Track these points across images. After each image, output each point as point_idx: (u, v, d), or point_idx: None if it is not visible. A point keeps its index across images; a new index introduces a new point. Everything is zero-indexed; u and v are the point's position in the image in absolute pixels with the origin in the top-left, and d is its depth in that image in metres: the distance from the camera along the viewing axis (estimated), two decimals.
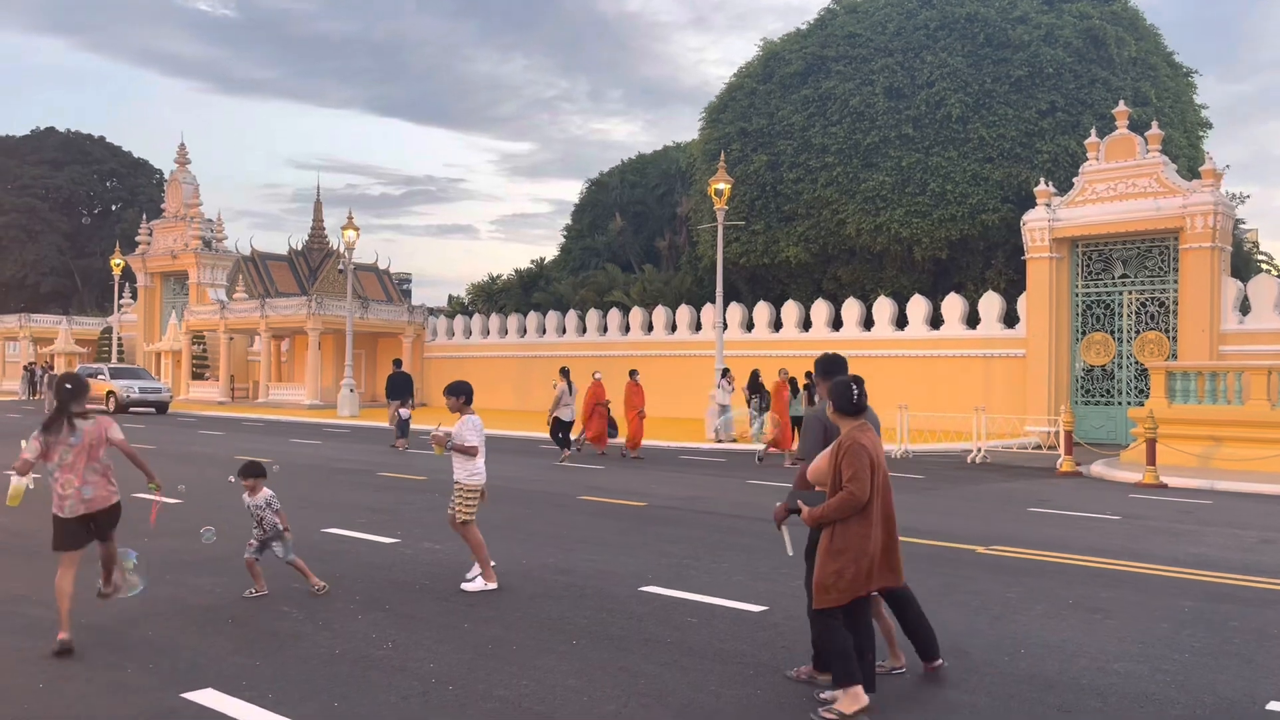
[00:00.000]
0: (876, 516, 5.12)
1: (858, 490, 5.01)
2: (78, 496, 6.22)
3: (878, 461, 5.15)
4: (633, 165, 49.88)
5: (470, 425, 7.92)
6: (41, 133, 76.33)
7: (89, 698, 5.18)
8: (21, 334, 56.61)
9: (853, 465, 5.04)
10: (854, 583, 5.07)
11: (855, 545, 5.07)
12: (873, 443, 5.18)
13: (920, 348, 28.30)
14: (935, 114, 29.99)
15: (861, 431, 5.19)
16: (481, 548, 7.91)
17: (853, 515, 5.06)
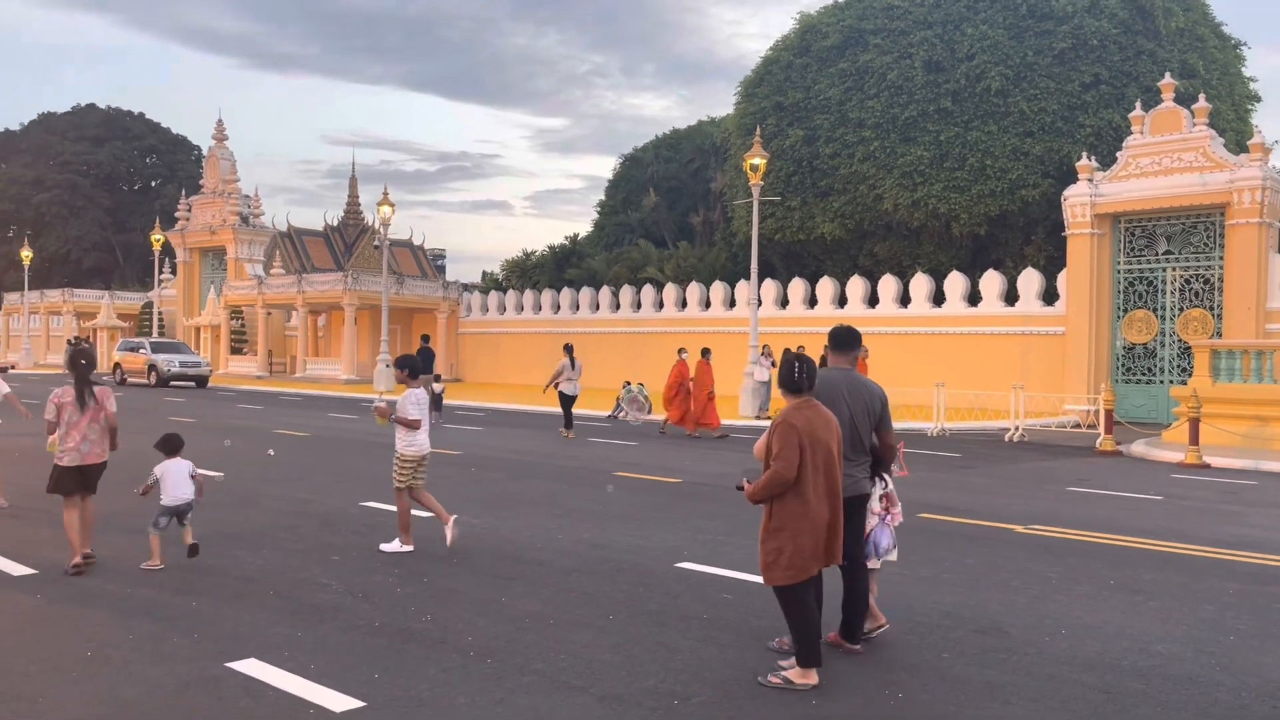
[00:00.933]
0: (817, 493, 5.09)
1: (782, 468, 5.00)
2: (77, 450, 7.41)
3: (815, 440, 5.08)
4: (667, 140, 49.65)
5: (412, 399, 8.28)
6: (83, 110, 77.28)
7: (133, 665, 5.27)
8: (65, 309, 57.54)
9: (780, 443, 5.04)
10: (798, 559, 5.07)
11: (793, 523, 5.07)
12: (807, 421, 5.11)
13: (958, 325, 28.01)
14: (975, 87, 29.51)
15: (798, 410, 5.17)
16: (406, 515, 8.33)
17: (786, 493, 5.06)
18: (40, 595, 6.70)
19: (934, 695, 5.00)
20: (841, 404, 5.62)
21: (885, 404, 5.82)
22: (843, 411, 5.60)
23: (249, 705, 4.71)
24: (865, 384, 5.79)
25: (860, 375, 5.89)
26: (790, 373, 5.22)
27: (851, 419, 5.64)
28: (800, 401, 5.22)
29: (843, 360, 5.96)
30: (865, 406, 5.72)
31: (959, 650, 5.75)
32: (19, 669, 5.19)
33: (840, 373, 5.83)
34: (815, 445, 5.09)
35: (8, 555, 7.81)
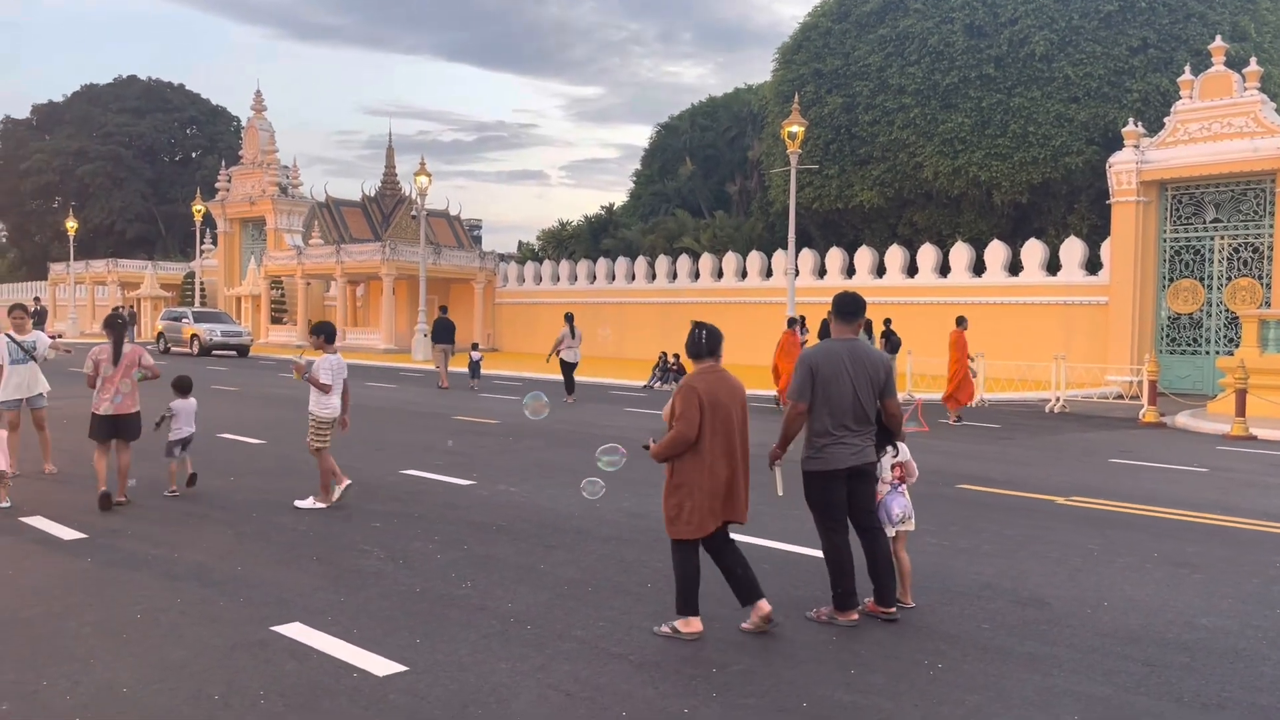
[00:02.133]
0: (715, 453, 5.31)
1: (684, 428, 5.26)
2: (110, 401, 8.52)
3: (717, 403, 5.32)
4: (703, 109, 49.26)
5: (327, 363, 8.69)
6: (124, 81, 77.98)
7: (182, 628, 5.38)
8: (110, 279, 58.42)
9: (682, 405, 5.31)
10: (696, 515, 5.30)
11: (691, 480, 5.30)
12: (709, 385, 5.34)
13: (998, 294, 27.65)
14: (1018, 52, 28.94)
15: (701, 375, 5.41)
16: (327, 475, 8.67)
17: (687, 452, 5.29)
18: (90, 559, 6.85)
19: (974, 666, 4.98)
20: (844, 377, 5.63)
21: (890, 372, 5.80)
22: (845, 385, 5.62)
23: (295, 668, 4.79)
24: (869, 352, 5.76)
25: (864, 344, 5.84)
26: (693, 340, 5.49)
27: (854, 390, 5.64)
28: (704, 366, 5.46)
29: (847, 330, 5.86)
30: (869, 376, 5.69)
31: (999, 621, 5.72)
32: (71, 631, 5.32)
33: (842, 343, 5.77)
34: (716, 408, 5.32)
35: (58, 520, 7.99)
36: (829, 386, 5.62)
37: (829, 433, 5.63)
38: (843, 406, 5.61)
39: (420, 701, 4.41)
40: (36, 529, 7.73)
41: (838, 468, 5.65)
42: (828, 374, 5.62)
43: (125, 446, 8.75)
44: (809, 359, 5.68)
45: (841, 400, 5.61)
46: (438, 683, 4.63)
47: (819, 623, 5.62)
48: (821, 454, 5.66)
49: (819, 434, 5.66)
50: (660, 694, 4.55)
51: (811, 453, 5.71)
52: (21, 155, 75.30)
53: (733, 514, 5.45)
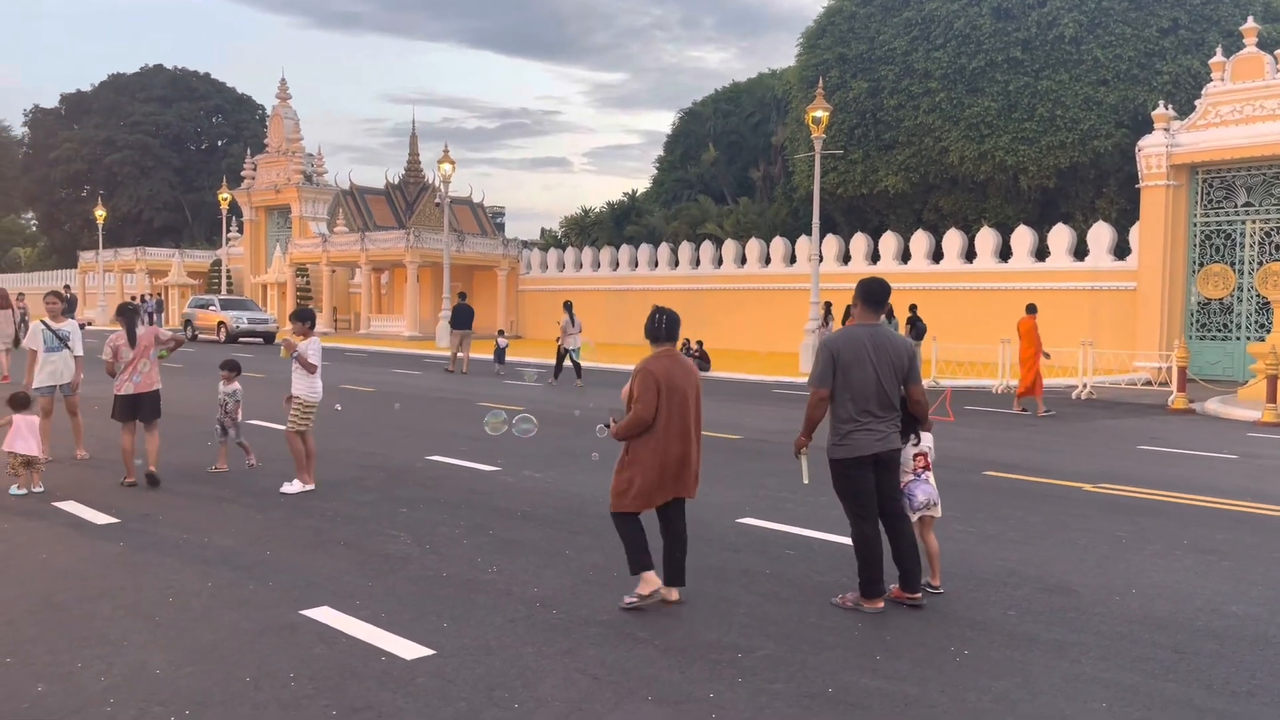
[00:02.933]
0: (670, 433, 5.57)
1: (642, 410, 5.53)
2: (130, 381, 8.94)
3: (672, 385, 5.58)
4: (726, 94, 48.97)
5: (314, 346, 8.92)
6: (150, 70, 78.48)
7: (213, 612, 5.45)
8: (138, 267, 59.00)
9: (640, 388, 5.57)
10: (644, 491, 5.58)
11: (645, 458, 5.57)
12: (665, 369, 5.60)
13: (1024, 280, 27.40)
14: (1046, 35, 28.60)
15: (658, 359, 5.66)
16: (311, 457, 8.91)
17: (643, 432, 5.55)
18: (123, 543, 6.94)
19: (1000, 653, 4.96)
20: (867, 364, 5.60)
21: (914, 358, 5.78)
22: (867, 370, 5.60)
23: (323, 652, 4.84)
24: (891, 338, 5.73)
25: (887, 329, 5.80)
26: (651, 324, 5.75)
27: (878, 377, 5.62)
28: (661, 350, 5.72)
29: (871, 315, 5.80)
30: (891, 363, 5.66)
31: (1026, 608, 5.69)
32: (104, 614, 5.40)
33: (864, 329, 5.73)
34: (672, 390, 5.58)
35: (90, 505, 8.10)
36: (850, 372, 5.59)
37: (853, 419, 5.61)
38: (865, 392, 5.59)
39: (448, 684, 4.45)
40: (69, 514, 7.85)
41: (864, 454, 5.63)
42: (849, 359, 5.60)
43: (151, 427, 9.08)
44: (830, 344, 5.68)
45: (864, 386, 5.58)
46: (465, 666, 4.67)
47: (844, 609, 5.63)
48: (846, 440, 5.64)
49: (843, 420, 5.64)
50: (686, 679, 4.56)
51: (837, 439, 5.69)
52: (51, 144, 76.04)
53: (682, 489, 5.70)
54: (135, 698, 4.28)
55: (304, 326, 9.09)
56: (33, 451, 8.59)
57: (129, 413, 9.02)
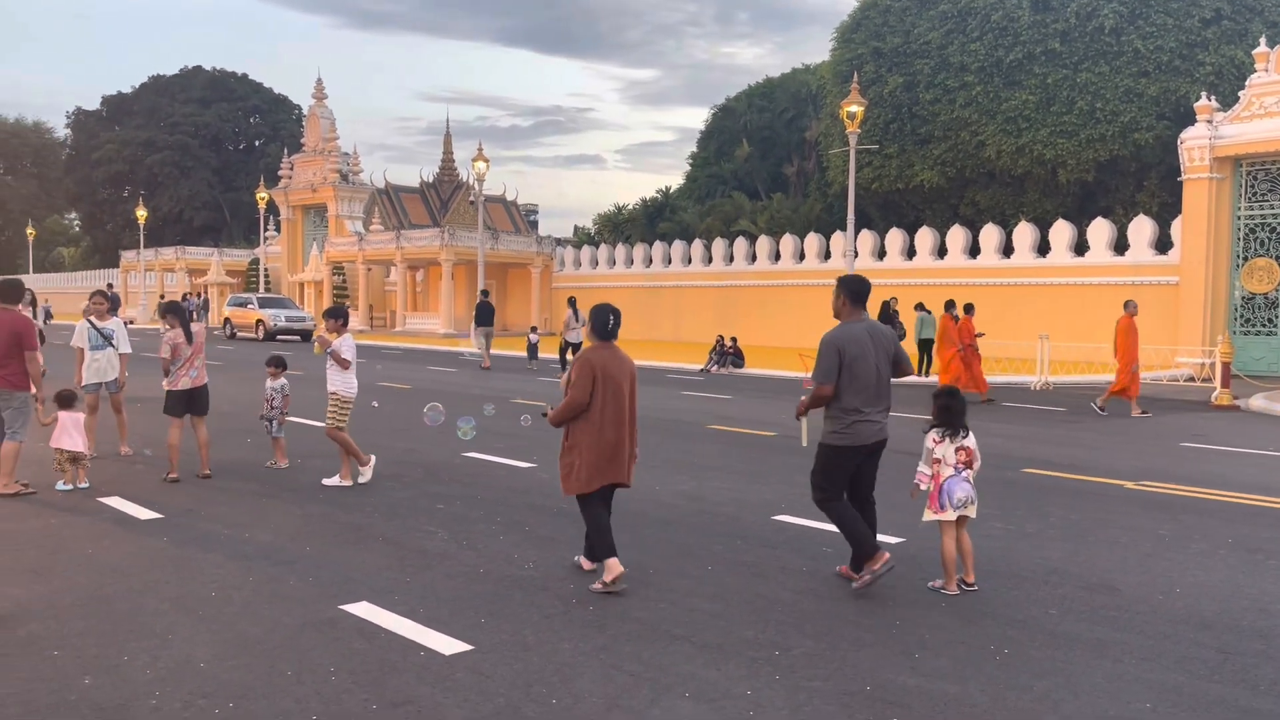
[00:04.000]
0: (605, 420, 5.94)
1: (577, 394, 5.93)
2: (188, 377, 9.16)
3: (609, 375, 5.94)
4: (760, 90, 48.79)
5: (348, 343, 9.05)
6: (190, 72, 79.58)
7: (255, 606, 5.52)
8: (178, 266, 59.81)
9: (577, 375, 5.96)
10: (584, 472, 5.95)
11: (583, 442, 5.96)
12: (603, 360, 5.99)
13: (1063, 275, 27.08)
14: (1086, 26, 28.23)
15: (597, 350, 6.05)
16: (354, 452, 9.01)
17: (580, 418, 5.95)
18: (166, 538, 7.05)
19: (1042, 652, 4.91)
20: (869, 356, 5.89)
21: (898, 342, 6.14)
22: (869, 363, 5.88)
23: (363, 647, 4.89)
24: (882, 329, 6.08)
25: (876, 323, 6.11)
26: (604, 323, 6.10)
27: (877, 369, 5.91)
28: (601, 344, 6.10)
29: (860, 310, 6.09)
30: (886, 351, 6.00)
31: (1067, 607, 5.63)
32: (150, 608, 5.49)
33: (861, 325, 6.01)
34: (608, 380, 5.96)
35: (134, 500, 8.23)
36: (855, 366, 5.85)
37: (858, 410, 5.87)
38: (868, 385, 5.87)
39: (486, 680, 4.47)
40: (114, 509, 7.98)
41: (864, 444, 5.91)
42: (854, 354, 5.85)
43: (200, 421, 9.33)
44: (835, 342, 5.90)
45: (867, 378, 5.86)
46: (502, 661, 4.70)
47: (865, 586, 5.78)
48: (849, 430, 5.88)
49: (847, 411, 5.88)
50: (723, 675, 4.56)
51: (839, 428, 5.91)
52: (93, 146, 77.34)
53: (617, 476, 6.05)
54: (181, 690, 4.35)
55: (337, 323, 9.21)
56: (79, 448, 8.74)
57: (182, 407, 9.21)
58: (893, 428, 6.35)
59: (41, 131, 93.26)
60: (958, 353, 17.29)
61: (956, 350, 17.32)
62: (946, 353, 17.57)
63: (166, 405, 9.24)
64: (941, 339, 17.83)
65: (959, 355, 17.28)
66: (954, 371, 17.17)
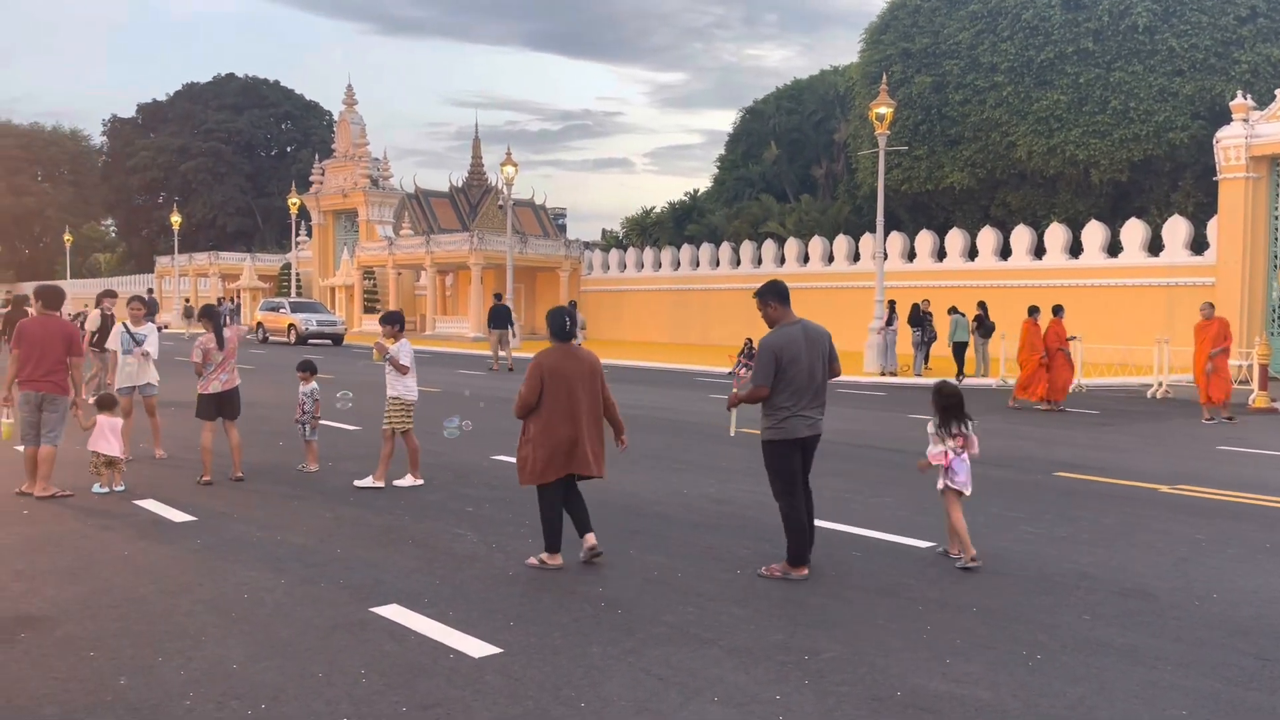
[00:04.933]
0: (557, 417, 6.33)
1: (525, 392, 6.38)
2: (219, 381, 9.25)
3: (557, 374, 6.37)
4: (788, 92, 48.63)
5: (405, 349, 9.19)
6: (222, 79, 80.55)
7: (287, 608, 5.57)
8: (211, 271, 60.56)
9: (527, 375, 6.41)
10: (538, 465, 6.34)
11: (535, 437, 6.36)
12: (553, 361, 6.41)
13: (1096, 276, 26.80)
14: (1119, 25, 27.92)
15: (551, 352, 6.48)
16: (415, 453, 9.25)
17: (534, 414, 6.36)
18: (199, 541, 7.13)
19: (1074, 658, 4.86)
20: (802, 359, 6.24)
21: (831, 342, 6.50)
22: (803, 365, 6.24)
23: (393, 649, 4.92)
24: (818, 330, 6.44)
25: (813, 324, 6.47)
26: (560, 325, 6.57)
27: (810, 368, 6.28)
28: (558, 346, 6.53)
29: (790, 312, 6.46)
30: (820, 351, 6.36)
31: (1099, 612, 5.56)
32: (184, 609, 5.55)
33: (796, 327, 6.34)
34: (559, 379, 6.37)
35: (168, 503, 8.34)
36: (790, 369, 6.22)
37: (788, 407, 6.25)
38: (801, 384, 6.24)
39: (515, 683, 4.49)
40: (149, 511, 8.09)
41: (796, 437, 6.30)
42: (790, 357, 6.21)
43: (232, 425, 9.43)
44: (772, 347, 6.25)
45: (799, 379, 6.23)
46: (532, 664, 4.71)
47: (772, 578, 6.15)
48: (782, 425, 6.28)
49: (780, 408, 6.26)
50: (752, 680, 4.55)
51: (773, 424, 6.31)
52: (129, 153, 78.45)
53: (579, 467, 6.40)
54: (214, 691, 4.39)
55: (394, 329, 9.28)
56: (114, 451, 8.86)
57: (213, 410, 9.31)
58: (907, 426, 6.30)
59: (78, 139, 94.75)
60: (1042, 358, 16.30)
61: (1040, 356, 16.30)
62: (1028, 358, 16.51)
63: (198, 409, 9.36)
64: (1023, 344, 16.73)
65: (1041, 361, 16.30)
66: (1034, 376, 16.34)
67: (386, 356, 9.09)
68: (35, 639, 5.06)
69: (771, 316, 6.45)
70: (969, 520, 6.66)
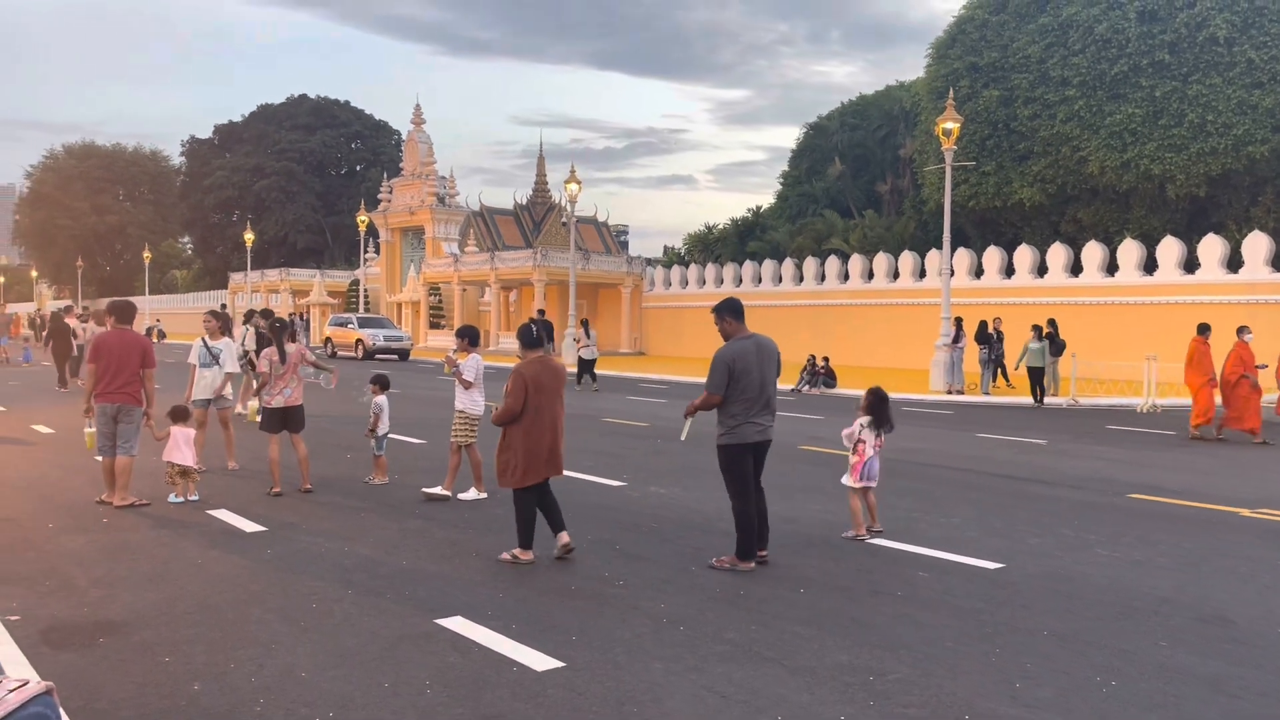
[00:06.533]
0: (540, 424, 6.80)
1: (511, 402, 6.78)
2: (281, 395, 9.37)
3: (539, 384, 6.81)
4: (853, 107, 48.36)
5: (473, 363, 9.40)
6: (295, 100, 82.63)
7: (353, 618, 5.65)
8: (282, 287, 62.00)
9: (512, 385, 6.82)
10: (520, 470, 6.78)
11: (518, 443, 6.79)
12: (535, 372, 6.84)
13: (1172, 294, 26.09)
14: (1196, 37, 27.27)
15: (530, 363, 6.91)
16: (478, 466, 9.44)
17: (513, 421, 6.78)
18: (270, 550, 7.27)
19: (1151, 685, 4.71)
20: (754, 370, 6.73)
21: (779, 354, 7.02)
22: (754, 376, 6.74)
23: (457, 661, 4.96)
24: (770, 345, 6.94)
25: (764, 338, 6.94)
26: (529, 336, 7.03)
27: (762, 379, 6.77)
28: (534, 356, 6.97)
29: (744, 327, 6.92)
30: (771, 365, 6.88)
31: (1178, 639, 5.39)
32: (255, 617, 5.66)
33: (749, 341, 6.83)
34: (540, 388, 6.82)
35: (240, 513, 8.53)
36: (742, 380, 6.70)
37: (740, 415, 6.75)
38: (752, 395, 6.74)
39: (578, 697, 4.49)
40: (222, 521, 8.27)
41: (747, 443, 6.82)
42: (741, 369, 6.70)
43: (298, 438, 9.60)
44: (725, 359, 6.74)
45: (750, 389, 6.73)
46: (594, 679, 4.71)
47: (721, 569, 6.67)
48: (734, 431, 6.78)
49: (733, 416, 6.76)
50: (815, 699, 4.49)
51: (726, 430, 6.80)
52: (205, 173, 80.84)
53: (554, 470, 6.96)
54: (284, 699, 4.47)
55: (465, 343, 9.42)
56: (189, 462, 9.10)
57: (278, 424, 9.48)
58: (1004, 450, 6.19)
59: (158, 160, 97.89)
60: (1209, 381, 15.05)
61: (1209, 379, 15.08)
62: (1195, 379, 15.20)
63: (263, 422, 9.59)
64: (1190, 364, 15.28)
65: (1209, 384, 15.06)
66: (1203, 402, 15.02)
67: (454, 370, 9.25)
68: (114, 644, 5.20)
69: (726, 331, 6.92)
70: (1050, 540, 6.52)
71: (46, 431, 14.34)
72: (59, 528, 8.00)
